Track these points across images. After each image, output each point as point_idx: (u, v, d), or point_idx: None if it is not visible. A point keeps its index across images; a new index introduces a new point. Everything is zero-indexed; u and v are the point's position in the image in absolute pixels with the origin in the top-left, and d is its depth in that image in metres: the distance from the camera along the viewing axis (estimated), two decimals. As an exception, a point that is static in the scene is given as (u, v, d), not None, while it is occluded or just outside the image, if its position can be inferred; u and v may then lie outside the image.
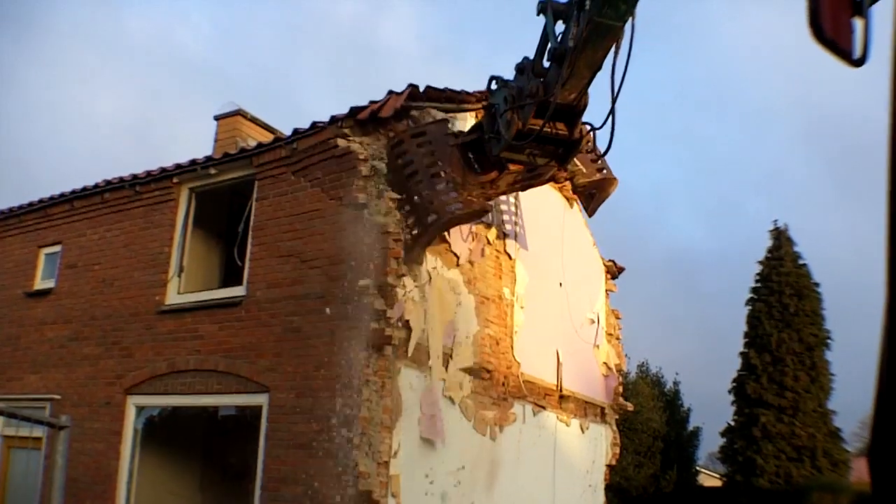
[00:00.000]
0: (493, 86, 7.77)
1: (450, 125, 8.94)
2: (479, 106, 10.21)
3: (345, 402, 8.44)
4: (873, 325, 1.51)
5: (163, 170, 11.14)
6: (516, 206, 11.31)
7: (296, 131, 9.71)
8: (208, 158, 10.71)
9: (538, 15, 6.84)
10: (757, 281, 27.04)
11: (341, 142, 9.10)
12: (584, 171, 8.60)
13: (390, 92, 9.12)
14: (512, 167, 8.28)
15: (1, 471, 11.91)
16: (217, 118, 13.25)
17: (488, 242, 10.70)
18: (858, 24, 2.02)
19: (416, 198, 8.75)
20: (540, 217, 11.91)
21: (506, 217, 11.15)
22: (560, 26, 6.76)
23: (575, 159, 8.10)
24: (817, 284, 26.56)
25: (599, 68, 6.74)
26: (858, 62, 2.02)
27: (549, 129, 7.30)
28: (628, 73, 6.31)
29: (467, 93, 10.18)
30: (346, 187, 9.06)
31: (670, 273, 77.36)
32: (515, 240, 11.24)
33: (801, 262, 26.75)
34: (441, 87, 9.60)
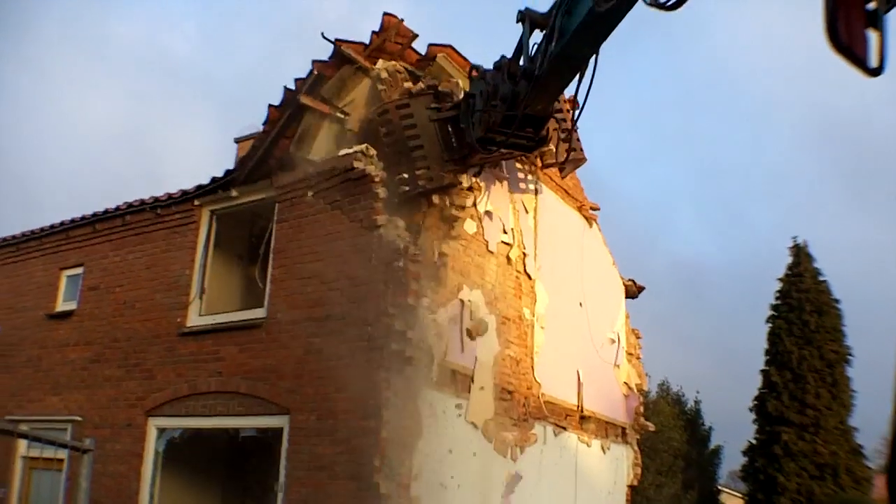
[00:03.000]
0: (474, 74, 8.17)
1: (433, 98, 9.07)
2: None
3: (365, 424, 8.43)
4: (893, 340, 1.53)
5: (184, 192, 11.22)
6: (535, 226, 11.31)
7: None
8: (228, 172, 10.73)
9: (517, 23, 7.10)
10: (777, 298, 26.84)
11: (357, 164, 9.15)
12: (553, 150, 9.37)
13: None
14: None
15: (23, 492, 11.96)
16: (237, 140, 13.36)
17: (508, 262, 10.69)
18: (873, 35, 2.06)
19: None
20: (559, 237, 11.91)
21: (526, 238, 11.14)
22: (538, 35, 7.00)
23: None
24: (837, 301, 26.34)
25: (565, 88, 7.28)
26: (875, 72, 2.05)
27: (517, 131, 7.85)
28: (594, 87, 6.72)
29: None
30: (365, 209, 9.10)
31: (680, 286, 76.20)
32: (535, 260, 11.23)
33: (821, 278, 26.56)
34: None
